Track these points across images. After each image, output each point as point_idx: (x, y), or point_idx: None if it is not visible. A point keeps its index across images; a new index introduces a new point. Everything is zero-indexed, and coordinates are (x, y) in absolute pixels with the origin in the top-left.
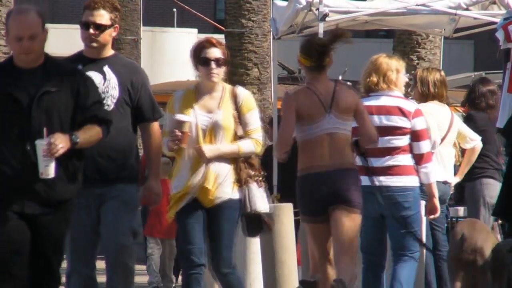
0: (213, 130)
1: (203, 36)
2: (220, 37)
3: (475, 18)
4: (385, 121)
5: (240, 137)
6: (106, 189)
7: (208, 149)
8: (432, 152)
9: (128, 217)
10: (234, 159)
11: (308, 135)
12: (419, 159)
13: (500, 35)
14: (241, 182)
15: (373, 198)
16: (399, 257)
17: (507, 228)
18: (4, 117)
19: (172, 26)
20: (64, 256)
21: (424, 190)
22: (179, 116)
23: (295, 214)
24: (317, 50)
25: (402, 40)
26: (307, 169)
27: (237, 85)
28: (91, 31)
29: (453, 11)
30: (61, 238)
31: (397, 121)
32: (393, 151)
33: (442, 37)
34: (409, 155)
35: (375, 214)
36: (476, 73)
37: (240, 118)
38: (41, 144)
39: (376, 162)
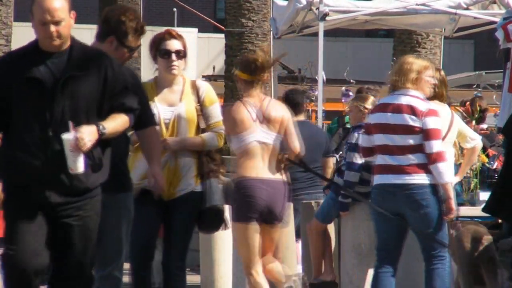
0: (175, 123)
1: (203, 35)
2: (220, 37)
3: (475, 18)
4: (396, 119)
5: (203, 130)
6: (103, 196)
7: (173, 141)
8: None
9: (125, 230)
10: (197, 152)
11: (242, 145)
12: (429, 158)
13: (499, 34)
14: (203, 176)
15: (390, 197)
16: (429, 258)
17: (505, 228)
18: (27, 103)
19: (172, 25)
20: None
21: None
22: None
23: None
24: (255, 66)
25: (402, 40)
26: (243, 178)
27: (197, 78)
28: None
29: (453, 10)
30: (89, 228)
31: (407, 119)
32: (406, 149)
33: (442, 37)
34: (423, 154)
35: (392, 213)
36: (476, 72)
37: (202, 111)
38: (67, 139)
39: (392, 160)
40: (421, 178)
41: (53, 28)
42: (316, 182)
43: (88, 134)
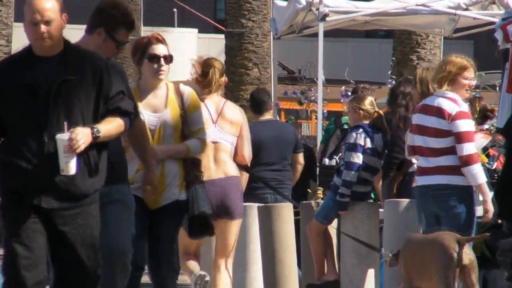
0: (161, 130)
1: (203, 36)
2: (220, 37)
3: (474, 18)
4: (428, 121)
5: (186, 137)
6: (105, 190)
7: (160, 150)
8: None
9: (130, 220)
10: (181, 159)
11: None
12: (461, 161)
13: (498, 35)
14: (188, 184)
15: (422, 198)
16: None
17: (506, 228)
18: (20, 108)
19: (173, 26)
20: None
21: None
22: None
23: (295, 214)
24: (210, 71)
25: (402, 40)
26: None
27: (179, 83)
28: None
29: (453, 11)
30: (90, 235)
31: (436, 122)
32: (437, 151)
33: (442, 37)
34: (454, 156)
35: (429, 213)
36: (475, 73)
37: (186, 117)
38: (61, 140)
39: (424, 162)
40: (450, 180)
41: (43, 28)
42: (283, 183)
43: (82, 135)
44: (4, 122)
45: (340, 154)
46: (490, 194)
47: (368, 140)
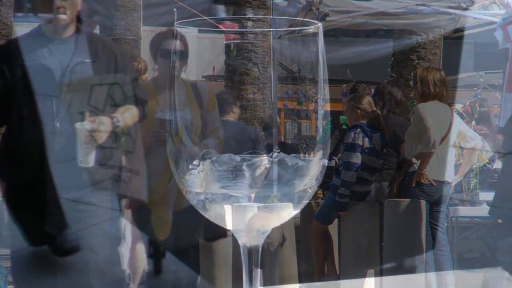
0: None
1: (203, 36)
2: (220, 37)
3: (475, 18)
4: None
5: (203, 135)
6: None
7: None
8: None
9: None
10: None
11: None
12: None
13: (499, 35)
14: None
15: None
16: None
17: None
18: (32, 92)
19: (172, 25)
20: None
21: (425, 189)
22: (162, 115)
23: None
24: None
25: (402, 40)
26: None
27: (197, 78)
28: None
29: (453, 11)
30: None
31: None
32: None
33: (442, 37)
34: None
35: None
36: (476, 73)
37: (203, 116)
38: (83, 130)
39: None
40: None
41: (59, 2)
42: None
43: (105, 126)
44: (10, 106)
45: (340, 154)
46: None
47: (366, 139)
